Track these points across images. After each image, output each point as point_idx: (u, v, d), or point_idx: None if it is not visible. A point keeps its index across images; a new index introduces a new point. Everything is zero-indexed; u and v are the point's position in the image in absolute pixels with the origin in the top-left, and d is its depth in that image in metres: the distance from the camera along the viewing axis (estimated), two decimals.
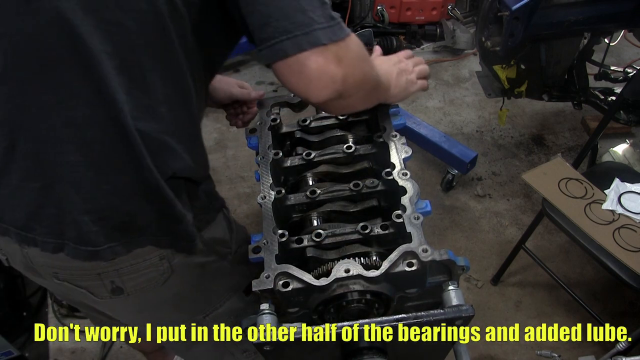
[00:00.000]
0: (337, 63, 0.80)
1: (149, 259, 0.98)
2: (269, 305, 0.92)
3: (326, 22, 0.80)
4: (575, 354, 2.00)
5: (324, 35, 0.79)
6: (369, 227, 0.99)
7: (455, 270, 0.94)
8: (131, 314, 1.14)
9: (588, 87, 2.37)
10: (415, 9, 3.41)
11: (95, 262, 0.94)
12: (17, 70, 0.81)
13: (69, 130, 0.84)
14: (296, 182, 1.17)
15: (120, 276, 0.97)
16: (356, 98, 0.90)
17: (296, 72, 0.81)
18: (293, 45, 0.78)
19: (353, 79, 0.84)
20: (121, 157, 0.87)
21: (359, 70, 0.87)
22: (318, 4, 0.81)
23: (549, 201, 1.84)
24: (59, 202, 0.88)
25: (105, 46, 0.80)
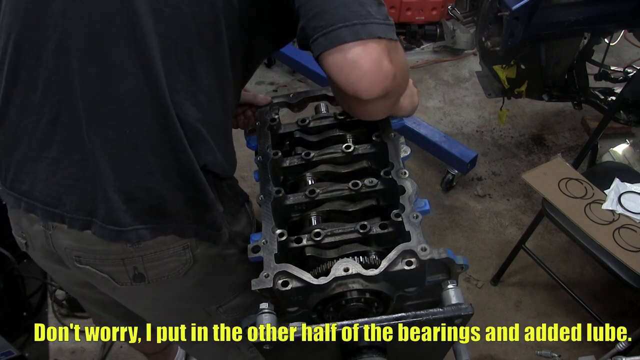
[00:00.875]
0: (390, 60, 0.80)
1: (173, 248, 0.97)
2: (269, 305, 0.92)
3: (382, 19, 0.81)
4: (575, 354, 2.00)
5: (380, 29, 0.79)
6: (368, 226, 0.99)
7: (454, 269, 0.94)
8: (147, 303, 1.13)
9: (588, 87, 2.37)
10: (415, 9, 3.41)
11: (120, 245, 0.94)
12: (71, 43, 0.83)
13: (111, 107, 0.84)
14: (295, 182, 1.17)
15: (143, 263, 0.97)
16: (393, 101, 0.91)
17: (350, 62, 0.79)
18: (351, 33, 0.77)
19: (401, 78, 0.86)
20: (159, 139, 0.87)
21: (405, 73, 0.89)
22: (376, 2, 0.82)
23: (549, 201, 1.84)
24: (94, 176, 0.88)
25: (158, 27, 0.81)
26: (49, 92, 0.86)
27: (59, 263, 1.04)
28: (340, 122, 1.23)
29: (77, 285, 1.20)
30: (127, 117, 0.85)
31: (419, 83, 3.31)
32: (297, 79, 3.41)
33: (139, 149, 0.87)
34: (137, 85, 0.84)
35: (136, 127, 0.86)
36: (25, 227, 1.03)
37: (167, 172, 0.90)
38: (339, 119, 1.23)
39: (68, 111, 0.86)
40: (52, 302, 2.25)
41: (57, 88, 0.86)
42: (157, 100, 0.84)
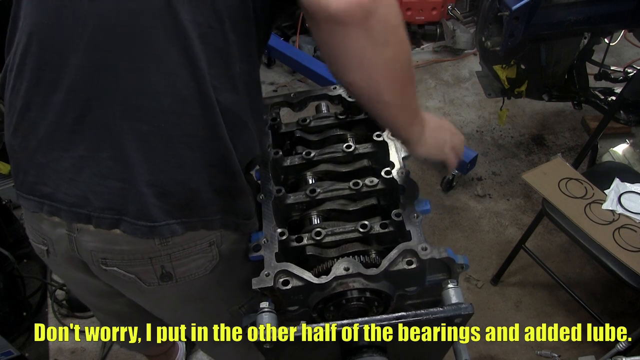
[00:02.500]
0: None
1: (200, 244, 0.96)
2: (269, 304, 0.92)
3: None
4: (575, 354, 2.00)
5: None
6: (369, 225, 1.00)
7: (455, 268, 0.94)
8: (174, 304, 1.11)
9: (588, 87, 2.37)
10: (415, 9, 3.41)
11: (149, 244, 0.92)
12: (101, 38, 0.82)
13: (144, 99, 0.83)
14: (296, 181, 1.17)
15: (171, 261, 0.96)
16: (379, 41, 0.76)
17: None
18: None
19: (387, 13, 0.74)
20: (194, 130, 0.86)
21: (397, 11, 0.76)
22: None
23: (549, 201, 1.84)
24: (125, 172, 0.86)
25: (192, 15, 0.81)
26: (74, 90, 0.85)
27: (82, 270, 1.03)
28: (341, 121, 1.23)
29: (96, 295, 1.18)
30: (161, 109, 0.84)
31: (419, 83, 3.31)
32: (297, 79, 3.41)
33: (172, 141, 0.86)
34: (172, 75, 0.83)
35: (170, 119, 0.85)
36: (46, 232, 0.99)
37: (199, 164, 0.89)
38: (339, 118, 1.23)
39: (97, 108, 0.84)
40: (52, 302, 2.25)
41: (84, 86, 0.84)
42: (196, 89, 0.84)
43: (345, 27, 0.72)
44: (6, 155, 2.41)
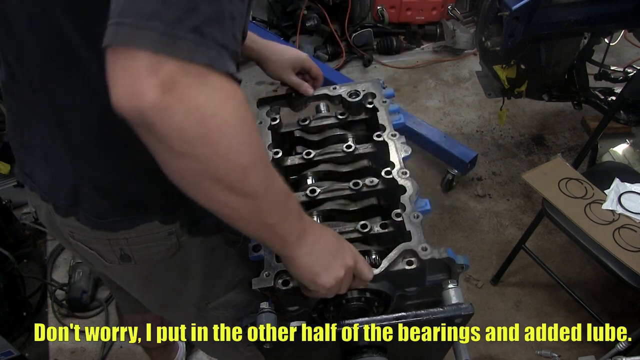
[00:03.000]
0: (162, 85, 0.56)
1: (158, 233, 0.98)
2: (269, 304, 0.92)
3: (188, 33, 0.57)
4: (575, 354, 2.00)
5: (167, 42, 0.57)
6: (369, 225, 0.99)
7: (455, 269, 0.94)
8: (138, 284, 1.14)
9: (588, 87, 2.37)
10: (415, 9, 3.41)
11: (102, 232, 0.97)
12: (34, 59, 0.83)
13: (74, 114, 0.85)
14: (296, 181, 1.17)
15: (129, 245, 0.99)
16: (184, 166, 0.63)
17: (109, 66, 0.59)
18: (117, 35, 0.57)
19: (181, 122, 0.58)
20: (122, 140, 0.83)
21: (202, 120, 0.59)
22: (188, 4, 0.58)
23: (549, 201, 1.84)
24: (76, 174, 0.91)
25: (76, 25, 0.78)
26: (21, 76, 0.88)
27: (61, 234, 1.08)
28: (341, 121, 1.23)
29: (81, 257, 1.22)
30: (89, 123, 0.85)
31: (419, 83, 3.31)
32: None
33: (107, 150, 0.88)
34: (81, 95, 0.83)
35: (101, 130, 0.86)
36: (33, 199, 1.08)
37: (137, 170, 0.90)
38: (339, 118, 1.23)
39: (40, 117, 0.90)
40: (52, 302, 2.25)
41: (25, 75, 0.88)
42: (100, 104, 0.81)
43: (136, 128, 0.61)
44: (6, 155, 2.41)
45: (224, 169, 0.64)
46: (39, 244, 2.48)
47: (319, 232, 0.83)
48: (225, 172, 0.64)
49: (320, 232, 0.84)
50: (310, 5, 3.35)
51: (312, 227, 0.82)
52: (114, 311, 2.24)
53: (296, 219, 0.78)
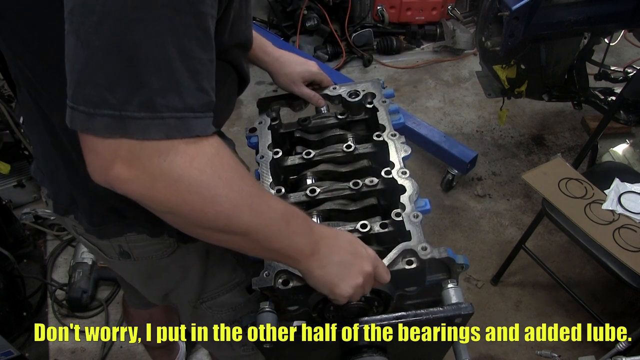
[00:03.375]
0: (124, 161, 0.60)
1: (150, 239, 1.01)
2: (269, 304, 0.92)
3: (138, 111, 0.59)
4: (575, 354, 2.00)
5: (118, 126, 0.59)
6: (369, 225, 0.99)
7: (455, 268, 0.94)
8: (137, 278, 1.16)
9: (588, 87, 2.37)
10: (415, 9, 3.41)
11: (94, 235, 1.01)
12: None
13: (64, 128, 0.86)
14: (296, 181, 1.17)
15: (127, 242, 1.01)
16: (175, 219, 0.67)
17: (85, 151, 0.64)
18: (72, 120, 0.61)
19: (149, 189, 0.62)
20: None
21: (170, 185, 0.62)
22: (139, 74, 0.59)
23: (549, 201, 1.84)
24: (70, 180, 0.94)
25: None
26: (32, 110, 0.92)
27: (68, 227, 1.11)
28: (341, 121, 1.23)
29: None
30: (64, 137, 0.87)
31: (419, 83, 3.31)
32: None
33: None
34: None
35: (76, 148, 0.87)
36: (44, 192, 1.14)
37: None
38: (339, 118, 1.23)
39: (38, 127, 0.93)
40: (52, 302, 2.25)
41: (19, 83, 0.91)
42: None
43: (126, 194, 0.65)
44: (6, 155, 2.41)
45: (206, 220, 0.67)
46: (39, 244, 2.48)
47: (334, 242, 0.83)
48: (209, 222, 0.67)
49: (336, 241, 0.84)
50: (310, 5, 3.35)
51: (326, 239, 0.82)
52: (114, 311, 2.24)
53: (304, 236, 0.78)
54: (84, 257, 2.29)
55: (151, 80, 0.59)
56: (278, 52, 1.23)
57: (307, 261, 0.80)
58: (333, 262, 0.82)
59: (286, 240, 0.76)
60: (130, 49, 0.58)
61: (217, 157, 0.65)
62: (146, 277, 1.12)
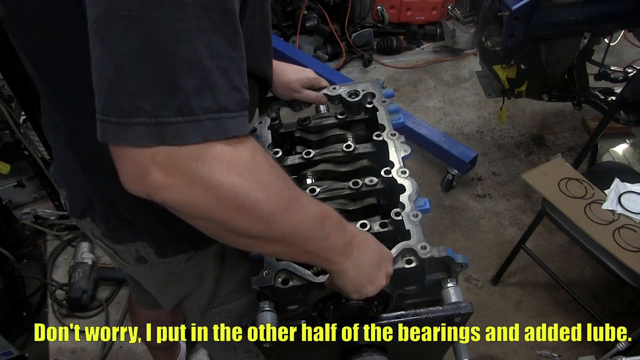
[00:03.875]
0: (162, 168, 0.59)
1: None
2: (269, 303, 0.92)
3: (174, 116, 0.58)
4: (575, 354, 2.00)
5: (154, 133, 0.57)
6: (368, 224, 0.99)
7: (454, 268, 0.94)
8: (153, 284, 1.16)
9: (588, 87, 2.37)
10: (415, 9, 3.41)
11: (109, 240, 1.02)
12: None
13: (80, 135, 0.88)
14: (296, 181, 1.17)
15: (144, 247, 1.01)
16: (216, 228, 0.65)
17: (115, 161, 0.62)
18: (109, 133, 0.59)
19: (187, 196, 0.60)
20: None
21: (209, 191, 0.60)
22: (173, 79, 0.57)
23: (549, 201, 1.84)
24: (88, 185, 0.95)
25: None
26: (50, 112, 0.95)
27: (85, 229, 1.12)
28: (341, 121, 1.23)
29: None
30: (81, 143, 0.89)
31: (419, 83, 3.31)
32: None
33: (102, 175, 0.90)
34: None
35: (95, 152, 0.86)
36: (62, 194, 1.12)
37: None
38: (339, 118, 1.23)
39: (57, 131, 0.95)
40: (52, 302, 2.25)
41: None
42: None
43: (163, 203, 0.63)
44: (6, 155, 2.41)
45: (243, 227, 0.65)
46: (39, 244, 2.48)
47: (364, 242, 0.83)
48: (246, 229, 0.65)
49: (365, 242, 0.84)
50: (310, 5, 3.35)
51: (357, 239, 0.82)
52: (114, 311, 2.24)
53: (338, 236, 0.78)
54: (84, 257, 2.29)
55: (184, 82, 0.58)
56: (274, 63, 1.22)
57: (339, 263, 0.79)
58: (365, 262, 0.82)
59: (321, 242, 0.75)
60: (160, 51, 0.56)
61: (254, 160, 0.63)
62: (162, 283, 1.12)
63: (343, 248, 0.79)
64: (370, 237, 0.86)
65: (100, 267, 2.31)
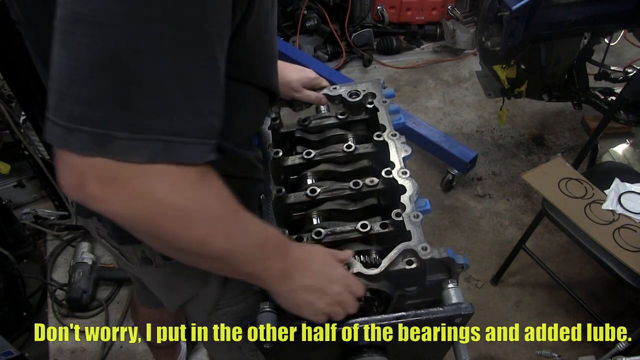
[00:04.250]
0: (99, 179, 0.58)
1: None
2: (269, 304, 0.92)
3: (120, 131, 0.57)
4: (575, 354, 2.00)
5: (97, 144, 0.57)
6: (369, 225, 0.99)
7: (455, 268, 0.94)
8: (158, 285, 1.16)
9: (588, 87, 2.37)
10: (415, 9, 3.41)
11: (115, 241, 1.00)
12: None
13: None
14: (296, 181, 1.17)
15: (150, 249, 1.00)
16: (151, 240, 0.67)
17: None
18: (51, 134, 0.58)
19: (123, 209, 0.60)
20: None
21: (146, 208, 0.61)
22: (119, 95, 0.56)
23: (549, 201, 1.84)
24: None
25: None
26: None
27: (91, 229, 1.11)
28: (342, 121, 1.23)
29: None
30: None
31: (419, 83, 3.31)
32: None
33: None
34: None
35: None
36: None
37: None
38: (340, 118, 1.23)
39: None
40: (52, 302, 2.25)
41: None
42: None
43: None
44: (6, 155, 2.41)
45: (179, 243, 0.66)
46: (39, 244, 2.48)
47: (307, 265, 0.84)
48: (182, 245, 0.66)
49: (309, 265, 0.84)
50: (310, 5, 3.35)
51: (299, 263, 0.82)
52: (114, 311, 2.24)
53: (277, 261, 0.79)
54: (84, 257, 2.29)
55: (137, 98, 0.57)
56: None
57: (276, 284, 0.81)
58: (303, 286, 0.83)
59: (258, 264, 0.76)
60: (118, 64, 0.55)
61: (200, 184, 0.64)
62: (166, 285, 1.12)
63: (281, 272, 0.80)
64: (319, 258, 0.86)
65: (100, 267, 2.31)
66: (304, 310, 0.85)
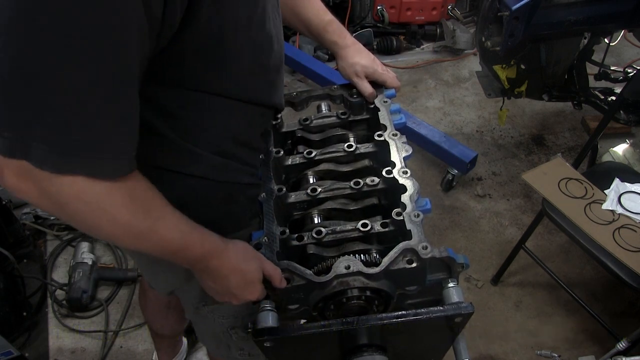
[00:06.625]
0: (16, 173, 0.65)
1: None
2: (270, 302, 0.92)
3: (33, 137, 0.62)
4: (575, 354, 2.00)
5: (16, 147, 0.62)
6: (369, 224, 0.99)
7: (455, 268, 0.94)
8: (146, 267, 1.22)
9: (588, 87, 2.37)
10: (415, 9, 3.42)
11: None
12: None
13: None
14: (297, 180, 1.17)
15: None
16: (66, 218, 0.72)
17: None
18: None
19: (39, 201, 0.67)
20: None
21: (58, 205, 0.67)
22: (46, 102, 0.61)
23: (549, 201, 1.84)
24: None
25: None
26: None
27: None
28: (342, 121, 1.23)
29: None
30: None
31: (419, 83, 3.31)
32: (297, 79, 3.41)
33: None
34: None
35: None
36: None
37: None
38: (341, 118, 1.23)
39: None
40: (52, 302, 2.25)
41: None
42: None
43: None
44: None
45: (94, 233, 0.75)
46: (39, 244, 2.48)
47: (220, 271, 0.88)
48: (96, 234, 0.75)
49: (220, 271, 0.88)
50: None
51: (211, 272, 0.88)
52: (114, 311, 2.24)
53: (190, 265, 0.87)
54: (84, 257, 2.29)
55: (45, 114, 0.61)
56: (350, 40, 1.25)
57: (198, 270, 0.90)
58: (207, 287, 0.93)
59: (172, 258, 0.83)
60: (28, 78, 0.60)
61: (108, 195, 0.68)
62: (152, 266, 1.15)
63: (197, 271, 0.90)
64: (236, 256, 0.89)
65: (100, 267, 2.31)
66: (213, 295, 0.94)
